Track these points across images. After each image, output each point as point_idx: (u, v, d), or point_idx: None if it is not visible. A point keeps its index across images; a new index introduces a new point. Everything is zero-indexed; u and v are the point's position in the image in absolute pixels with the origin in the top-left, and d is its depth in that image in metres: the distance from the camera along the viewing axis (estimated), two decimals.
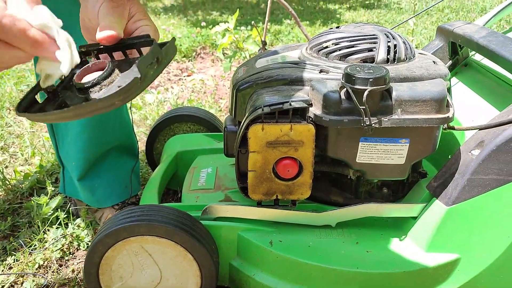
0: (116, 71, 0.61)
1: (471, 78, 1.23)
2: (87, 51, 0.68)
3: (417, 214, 0.97)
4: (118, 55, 0.68)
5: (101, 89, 0.58)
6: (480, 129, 0.95)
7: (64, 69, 0.53)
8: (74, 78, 0.61)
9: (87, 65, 0.63)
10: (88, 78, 0.60)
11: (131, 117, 1.34)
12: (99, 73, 0.60)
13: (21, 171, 1.62)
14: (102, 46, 0.66)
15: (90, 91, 0.58)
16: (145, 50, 0.66)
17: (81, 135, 1.21)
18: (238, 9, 2.67)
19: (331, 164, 1.01)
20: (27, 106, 0.58)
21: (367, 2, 4.99)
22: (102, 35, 0.62)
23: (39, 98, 0.60)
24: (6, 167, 1.68)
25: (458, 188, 0.90)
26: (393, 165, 0.93)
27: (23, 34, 0.49)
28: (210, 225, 0.99)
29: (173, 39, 0.64)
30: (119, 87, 0.55)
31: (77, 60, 0.55)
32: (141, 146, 1.68)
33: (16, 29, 0.49)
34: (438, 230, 0.92)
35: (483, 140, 0.91)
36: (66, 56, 0.53)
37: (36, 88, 0.60)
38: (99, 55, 0.68)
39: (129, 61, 0.65)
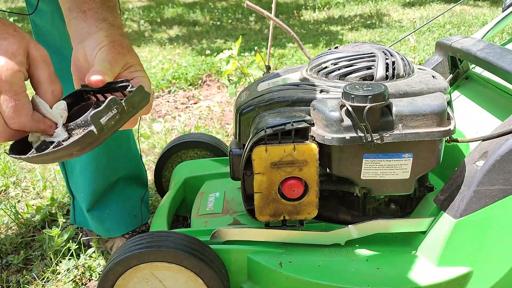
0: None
1: (472, 90, 1.23)
2: (84, 91, 0.71)
3: (426, 229, 0.96)
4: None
5: (71, 136, 0.62)
6: (483, 140, 0.95)
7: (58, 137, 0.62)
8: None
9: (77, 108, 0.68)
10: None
11: (138, 147, 1.36)
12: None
13: (33, 205, 1.64)
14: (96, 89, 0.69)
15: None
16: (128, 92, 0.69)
17: (88, 166, 1.23)
18: (241, 36, 2.72)
19: (337, 182, 1.02)
20: (19, 148, 0.63)
21: (368, 22, 5.05)
22: (92, 78, 0.65)
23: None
24: (19, 201, 1.71)
25: (465, 200, 0.89)
26: (398, 180, 0.94)
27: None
28: (220, 249, 1.00)
29: (140, 86, 0.65)
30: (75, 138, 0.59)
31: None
32: (150, 174, 1.70)
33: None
34: (448, 243, 0.91)
35: (486, 151, 0.91)
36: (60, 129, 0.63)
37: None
38: (104, 94, 0.71)
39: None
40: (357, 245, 1.01)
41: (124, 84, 0.68)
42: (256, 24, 5.28)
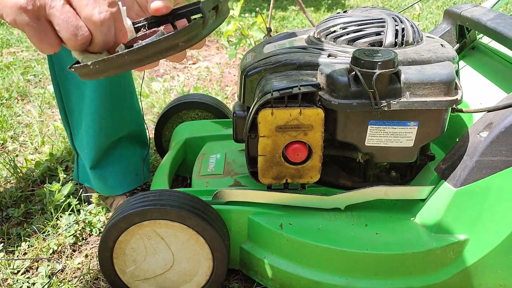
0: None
1: (478, 61, 1.23)
2: (138, 28, 0.68)
3: (426, 197, 0.98)
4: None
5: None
6: (489, 111, 0.95)
7: None
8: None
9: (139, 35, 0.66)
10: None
11: (140, 105, 1.35)
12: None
13: (32, 160, 1.64)
14: (153, 20, 0.67)
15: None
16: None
17: (92, 124, 1.22)
18: None
19: (340, 148, 1.02)
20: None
21: None
22: (155, 5, 0.64)
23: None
24: (17, 156, 1.71)
25: (467, 170, 0.91)
26: (402, 148, 0.94)
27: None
28: (221, 209, 1.01)
29: None
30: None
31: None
32: (149, 133, 1.69)
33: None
34: (447, 211, 0.93)
35: (491, 122, 0.91)
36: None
37: None
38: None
39: None
40: (356, 211, 1.02)
41: (193, 7, 0.65)
42: None
